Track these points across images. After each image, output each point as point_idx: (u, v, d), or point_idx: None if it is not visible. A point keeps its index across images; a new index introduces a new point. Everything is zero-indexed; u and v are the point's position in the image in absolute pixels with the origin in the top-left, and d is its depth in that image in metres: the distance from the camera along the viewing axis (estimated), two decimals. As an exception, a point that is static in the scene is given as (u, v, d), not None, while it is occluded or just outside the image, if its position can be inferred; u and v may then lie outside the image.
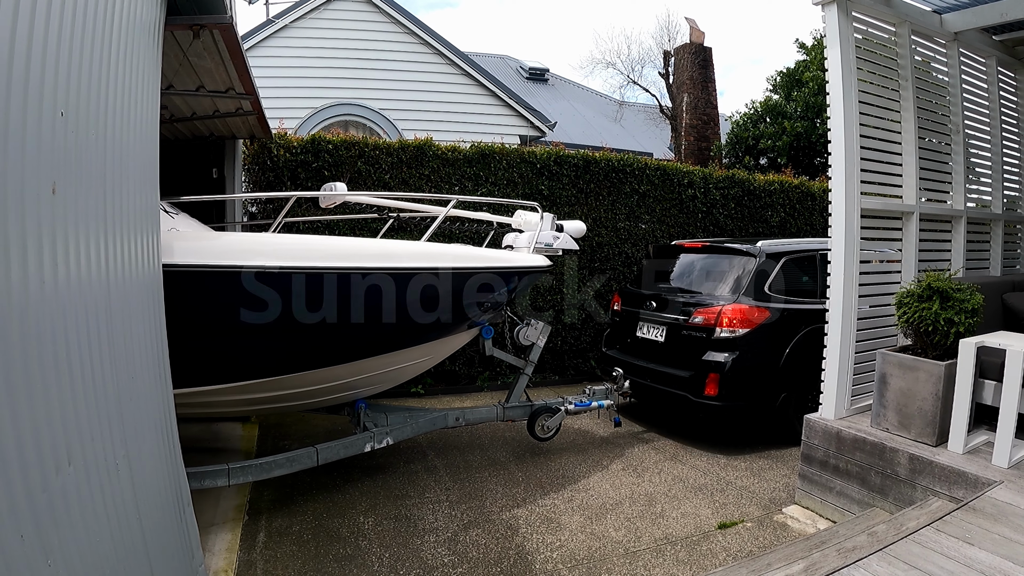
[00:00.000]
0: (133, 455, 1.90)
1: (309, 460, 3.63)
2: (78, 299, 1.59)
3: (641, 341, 5.41)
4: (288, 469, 3.56)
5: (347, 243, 3.77)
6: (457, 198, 3.89)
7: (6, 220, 1.23)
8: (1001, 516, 2.70)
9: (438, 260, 3.64)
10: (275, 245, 3.51)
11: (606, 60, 20.36)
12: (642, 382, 5.22)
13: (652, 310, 5.32)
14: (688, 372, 4.85)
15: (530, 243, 4.20)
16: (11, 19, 1.25)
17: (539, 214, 4.26)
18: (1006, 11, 4.33)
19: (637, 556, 3.27)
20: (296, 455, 3.60)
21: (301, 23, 10.17)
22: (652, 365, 5.20)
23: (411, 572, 3.08)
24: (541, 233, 4.24)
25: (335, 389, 3.91)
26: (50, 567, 1.30)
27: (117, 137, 1.92)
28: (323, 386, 3.81)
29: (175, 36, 3.00)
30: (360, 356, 3.72)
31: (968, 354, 3.23)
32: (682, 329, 4.99)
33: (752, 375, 4.73)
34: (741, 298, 4.83)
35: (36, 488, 1.29)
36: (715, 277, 5.19)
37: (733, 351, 4.69)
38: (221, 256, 3.14)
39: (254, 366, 3.42)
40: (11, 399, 1.23)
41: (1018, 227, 5.33)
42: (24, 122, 1.31)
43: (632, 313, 5.58)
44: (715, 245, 5.53)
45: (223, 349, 3.28)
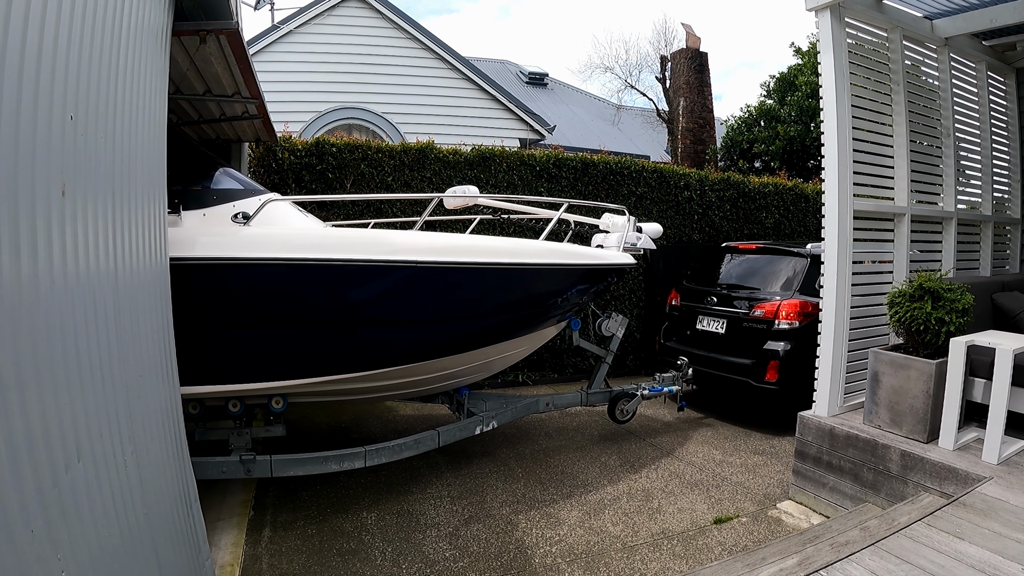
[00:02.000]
0: (141, 451, 1.90)
1: (432, 442, 3.89)
2: (87, 299, 1.59)
3: (701, 333, 5.79)
4: (415, 451, 3.82)
5: (491, 241, 3.90)
6: (569, 202, 4.14)
7: (17, 220, 1.23)
8: (991, 511, 2.70)
9: (562, 257, 3.92)
10: (452, 241, 3.80)
11: (604, 65, 20.37)
12: (703, 370, 5.55)
13: (712, 305, 5.71)
14: (750, 360, 5.21)
15: (619, 243, 4.40)
16: (22, 26, 1.25)
17: (626, 216, 4.50)
18: (995, 17, 4.33)
19: (635, 550, 3.27)
20: (421, 437, 3.84)
21: (305, 28, 10.16)
22: (713, 354, 5.57)
23: (413, 566, 3.08)
24: (628, 234, 4.47)
25: (451, 376, 4.13)
26: (60, 561, 1.30)
27: (125, 140, 1.92)
28: (446, 372, 4.01)
29: (182, 42, 3.00)
30: (482, 345, 3.92)
31: (959, 353, 3.24)
32: (743, 322, 5.38)
33: (806, 362, 4.93)
34: (796, 294, 5.19)
35: (47, 484, 1.29)
36: (769, 276, 5.56)
37: (790, 341, 5.07)
38: (412, 252, 3.35)
39: (411, 353, 3.62)
40: (22, 396, 1.23)
41: (1007, 228, 5.33)
42: (34, 125, 1.31)
43: (691, 308, 5.98)
44: (768, 247, 5.87)
45: (394, 338, 3.50)
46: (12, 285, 1.21)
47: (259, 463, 3.33)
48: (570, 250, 4.04)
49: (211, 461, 3.25)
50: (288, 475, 3.39)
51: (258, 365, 3.25)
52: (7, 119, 1.20)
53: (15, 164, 1.23)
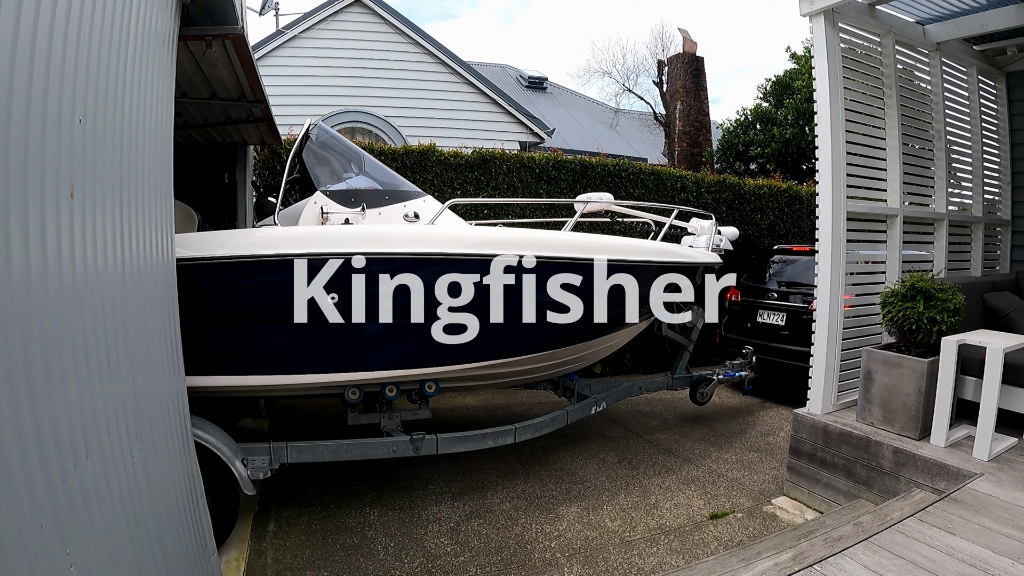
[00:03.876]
0: (148, 448, 1.90)
1: (563, 420, 4.19)
2: (95, 298, 1.59)
3: (762, 325, 6.28)
4: (552, 427, 4.12)
5: (639, 242, 4.34)
6: (680, 209, 4.62)
7: (27, 221, 1.23)
8: (981, 507, 2.70)
9: (687, 256, 4.52)
10: (610, 242, 4.25)
11: (602, 69, 20.38)
12: (764, 358, 6.03)
13: (772, 299, 6.23)
14: (808, 348, 5.45)
15: (708, 244, 4.89)
16: (31, 31, 1.25)
17: (712, 220, 4.99)
18: (986, 22, 4.34)
19: (632, 545, 3.27)
20: (554, 416, 4.12)
21: (310, 34, 10.16)
22: (774, 344, 6.07)
23: (415, 561, 3.08)
24: (713, 236, 4.99)
25: (575, 361, 4.44)
26: (68, 555, 1.30)
27: (133, 143, 1.93)
28: (576, 356, 4.32)
29: (189, 46, 3.00)
30: (613, 331, 4.23)
31: (950, 351, 3.24)
32: (802, 314, 5.82)
33: None
34: None
35: (55, 480, 1.29)
36: None
37: None
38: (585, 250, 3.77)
39: (564, 339, 3.91)
40: (32, 394, 1.23)
41: (998, 229, 5.33)
42: (44, 128, 1.31)
43: (751, 303, 6.46)
44: None
45: (562, 325, 3.75)
46: (22, 284, 1.22)
47: (427, 441, 3.56)
48: (689, 250, 4.68)
49: (382, 442, 3.48)
50: (451, 452, 3.70)
51: (436, 351, 3.45)
52: (18, 122, 1.21)
53: (25, 166, 1.23)
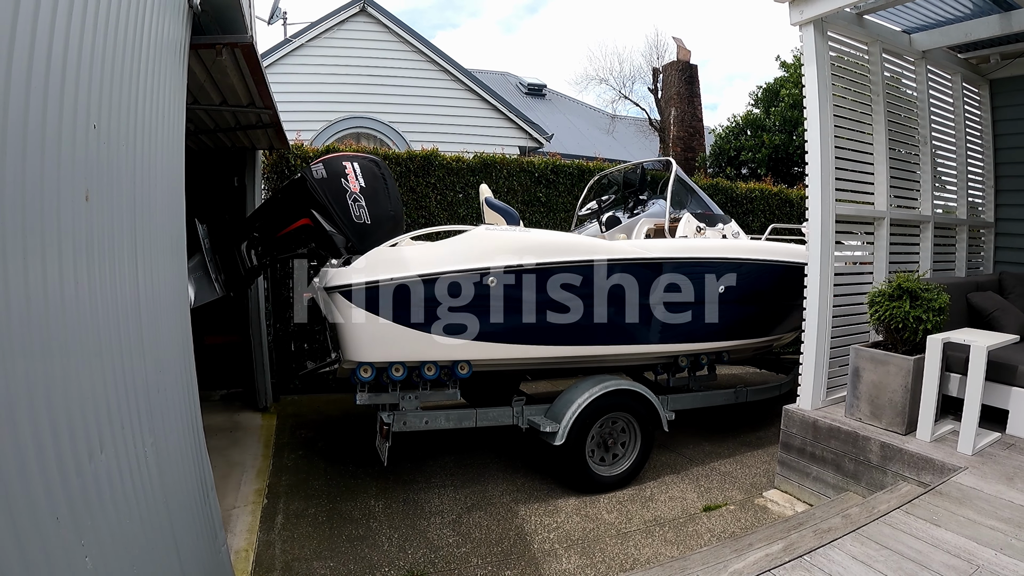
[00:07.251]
0: (160, 442, 1.90)
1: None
2: (110, 297, 1.59)
3: None
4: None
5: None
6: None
7: (43, 224, 1.23)
8: (966, 499, 2.70)
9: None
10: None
11: (599, 77, 20.29)
12: None
13: None
14: None
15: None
16: (47, 38, 1.25)
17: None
18: (970, 31, 4.34)
19: (628, 536, 3.27)
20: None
21: (317, 42, 10.15)
22: None
23: (419, 551, 3.08)
24: None
25: None
26: (83, 547, 1.30)
27: (146, 149, 1.92)
28: None
29: (199, 54, 2.99)
30: None
31: (935, 349, 3.24)
32: None
33: None
34: None
35: (71, 473, 1.29)
36: None
37: None
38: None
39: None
40: (48, 391, 1.23)
41: (981, 231, 5.33)
42: (60, 133, 1.31)
43: None
44: None
45: None
46: (39, 285, 1.22)
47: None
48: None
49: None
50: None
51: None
52: (35, 128, 1.20)
53: (41, 170, 1.23)
